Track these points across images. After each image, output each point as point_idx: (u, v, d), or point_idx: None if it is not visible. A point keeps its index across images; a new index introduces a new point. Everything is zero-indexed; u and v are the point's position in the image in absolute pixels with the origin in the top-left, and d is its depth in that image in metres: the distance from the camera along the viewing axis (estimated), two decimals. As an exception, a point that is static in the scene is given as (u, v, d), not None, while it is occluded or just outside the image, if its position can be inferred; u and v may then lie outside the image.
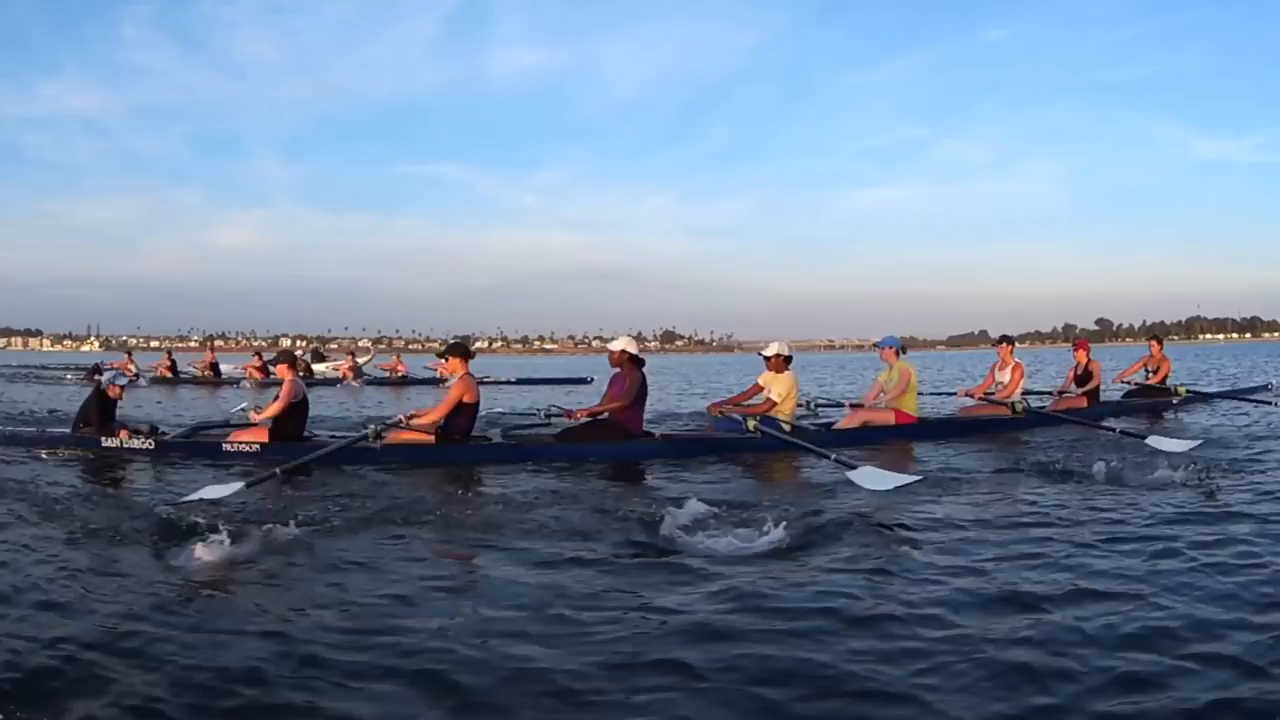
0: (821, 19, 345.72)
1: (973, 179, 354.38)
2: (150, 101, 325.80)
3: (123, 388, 8.08)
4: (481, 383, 20.58)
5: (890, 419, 8.06)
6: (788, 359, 7.94)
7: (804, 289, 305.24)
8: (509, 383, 19.99)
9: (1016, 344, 9.96)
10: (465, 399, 7.08)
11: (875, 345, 8.61)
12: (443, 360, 8.00)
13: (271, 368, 16.95)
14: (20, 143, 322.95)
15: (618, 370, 7.46)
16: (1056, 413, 9.27)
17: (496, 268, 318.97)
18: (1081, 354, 10.29)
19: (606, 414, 7.34)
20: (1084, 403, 9.95)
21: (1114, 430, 7.44)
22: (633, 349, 7.53)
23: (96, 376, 21.90)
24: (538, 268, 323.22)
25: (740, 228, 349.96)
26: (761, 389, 7.97)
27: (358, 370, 21.86)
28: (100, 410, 7.80)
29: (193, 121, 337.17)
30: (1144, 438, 6.69)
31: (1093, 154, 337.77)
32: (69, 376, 23.32)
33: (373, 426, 6.89)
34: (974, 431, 8.49)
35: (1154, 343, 11.58)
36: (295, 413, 7.44)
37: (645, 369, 7.52)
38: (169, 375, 21.97)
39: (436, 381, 19.98)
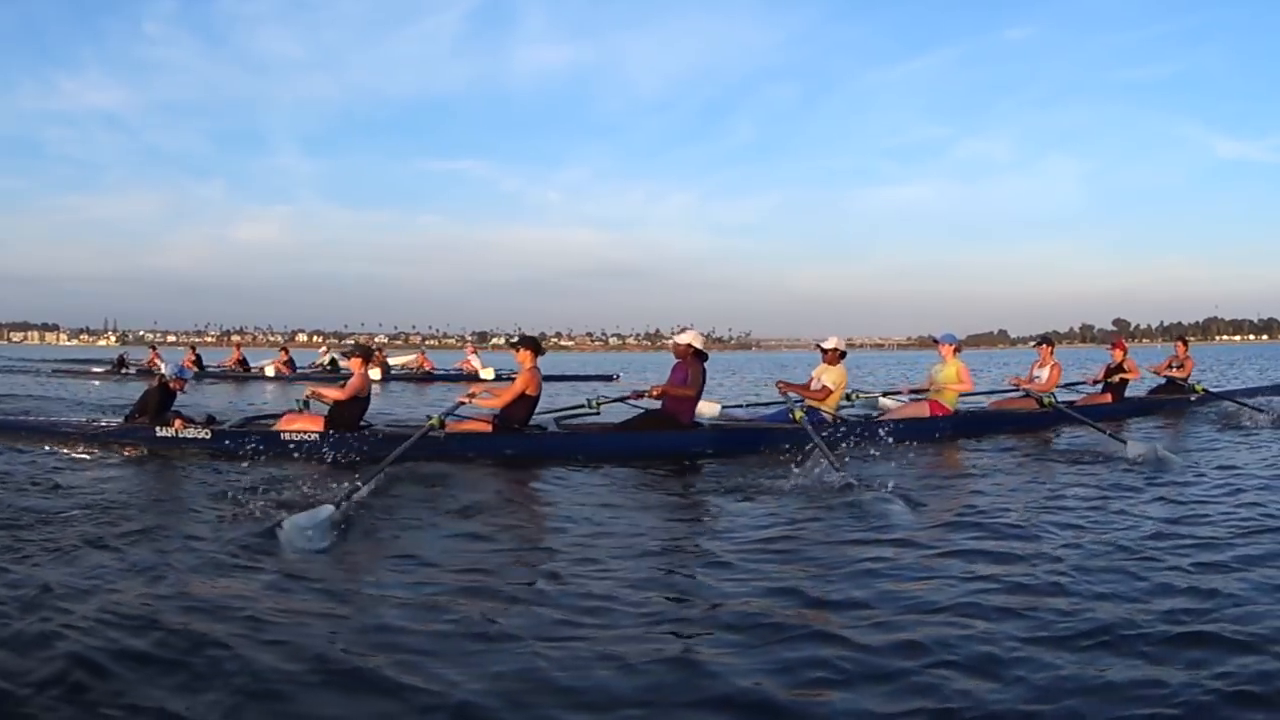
0: (844, 17, 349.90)
1: (993, 178, 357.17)
2: (172, 97, 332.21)
3: (186, 381, 8.12)
4: (508, 377, 20.83)
5: (925, 411, 8.61)
6: (843, 353, 8.57)
7: (823, 287, 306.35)
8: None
9: (1032, 345, 10.41)
10: (529, 391, 7.37)
11: (935, 340, 9.12)
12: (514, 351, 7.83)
13: (343, 361, 16.79)
14: (40, 137, 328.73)
15: (679, 361, 7.81)
16: (1079, 409, 9.81)
17: (518, 264, 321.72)
18: (1119, 352, 10.86)
19: (661, 404, 7.68)
20: (1110, 399, 10.54)
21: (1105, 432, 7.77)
22: (698, 343, 7.87)
23: (123, 369, 23.21)
24: (559, 265, 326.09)
25: (762, 226, 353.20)
26: (814, 380, 8.54)
27: (386, 369, 22.63)
28: (159, 402, 7.88)
29: (215, 117, 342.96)
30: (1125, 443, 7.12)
31: (1113, 154, 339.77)
32: (95, 370, 24.14)
33: (436, 417, 6.93)
34: (1005, 425, 9.00)
35: (1179, 343, 12.12)
36: (355, 406, 7.53)
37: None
38: (194, 369, 22.63)
39: (458, 378, 20.64)
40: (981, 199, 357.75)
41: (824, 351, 8.61)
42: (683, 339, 7.86)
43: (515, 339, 7.91)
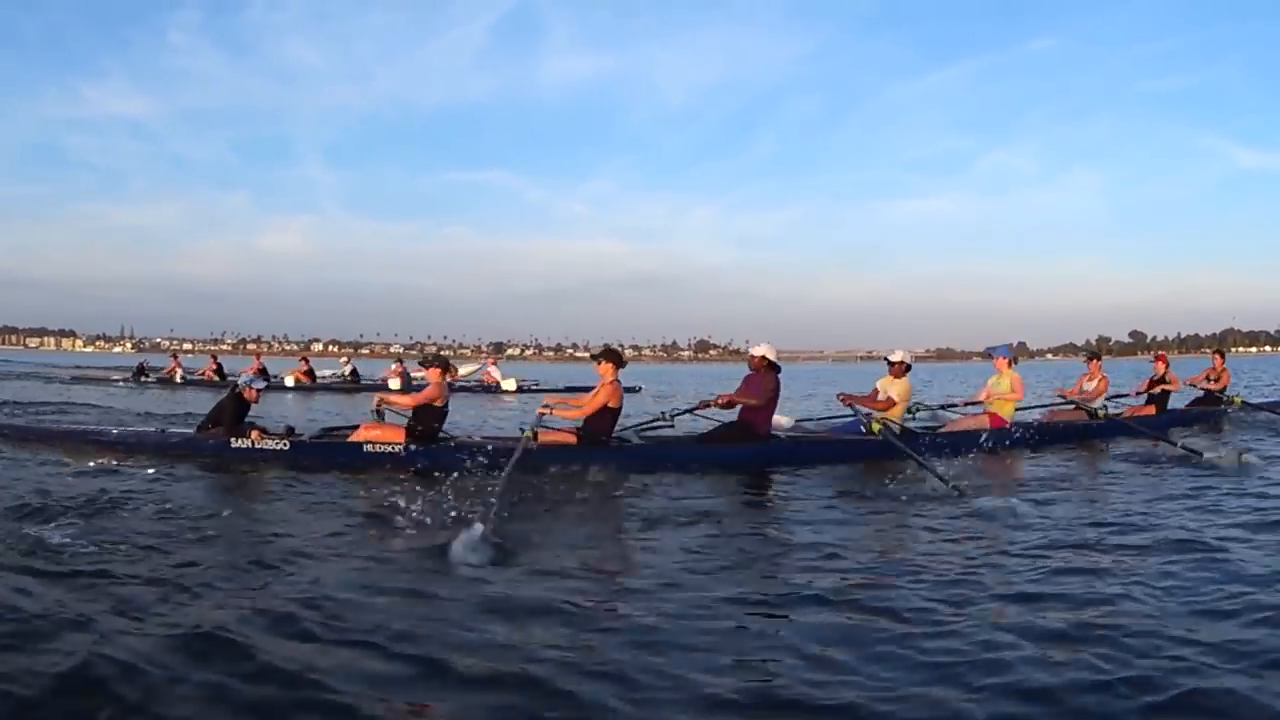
0: (869, 30, 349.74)
1: (1017, 190, 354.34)
2: (197, 106, 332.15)
3: (260, 391, 7.98)
4: (530, 390, 20.95)
5: (985, 424, 8.98)
6: (908, 367, 8.78)
7: (845, 299, 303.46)
8: (557, 390, 20.59)
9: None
10: (610, 404, 7.53)
11: (988, 353, 9.51)
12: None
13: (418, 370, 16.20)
14: (63, 145, 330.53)
15: (753, 374, 8.10)
16: (1130, 420, 10.21)
17: (541, 275, 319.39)
18: (1161, 365, 11.41)
19: (738, 413, 8.01)
20: (1154, 410, 11.00)
21: (1175, 444, 8.19)
22: (772, 355, 8.07)
23: (143, 377, 23.50)
24: (585, 276, 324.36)
25: (786, 238, 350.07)
26: (879, 392, 8.79)
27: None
28: (234, 413, 7.79)
29: (239, 127, 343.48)
30: (1200, 454, 7.60)
31: (1135, 166, 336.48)
32: (116, 378, 24.29)
33: (528, 429, 7.10)
34: (1059, 436, 9.39)
35: (1217, 356, 12.56)
36: (433, 415, 7.50)
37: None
38: (215, 378, 22.58)
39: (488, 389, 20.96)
40: (1005, 211, 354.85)
41: (890, 364, 8.88)
42: (757, 351, 8.16)
43: (597, 351, 7.94)
